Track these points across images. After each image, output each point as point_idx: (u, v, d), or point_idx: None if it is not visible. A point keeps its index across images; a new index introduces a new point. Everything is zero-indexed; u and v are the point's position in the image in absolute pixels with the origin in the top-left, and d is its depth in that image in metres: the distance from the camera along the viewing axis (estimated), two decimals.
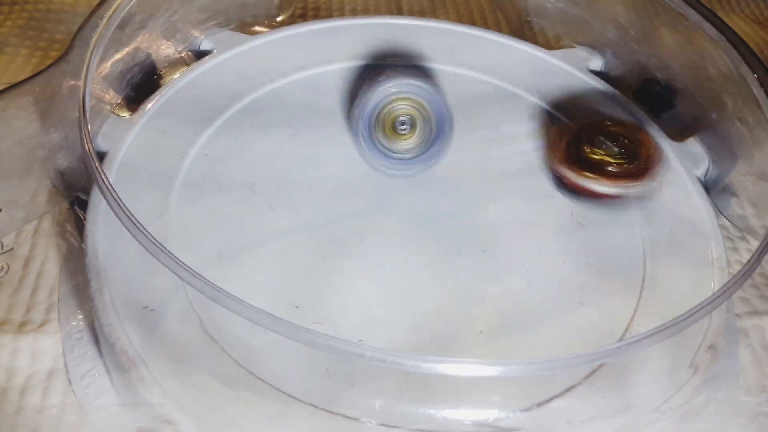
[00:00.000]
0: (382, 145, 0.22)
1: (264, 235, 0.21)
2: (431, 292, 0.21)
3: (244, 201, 0.22)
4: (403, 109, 0.21)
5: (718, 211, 0.24)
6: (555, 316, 0.21)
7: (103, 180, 0.16)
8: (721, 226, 0.23)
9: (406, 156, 0.22)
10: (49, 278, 0.21)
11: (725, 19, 0.33)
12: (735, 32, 0.21)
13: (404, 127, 0.21)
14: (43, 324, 0.20)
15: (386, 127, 0.22)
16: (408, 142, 0.22)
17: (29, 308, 0.20)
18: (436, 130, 0.22)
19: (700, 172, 0.24)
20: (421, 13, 0.32)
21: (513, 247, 0.22)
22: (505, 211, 0.23)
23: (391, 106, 0.21)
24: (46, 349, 0.19)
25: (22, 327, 0.19)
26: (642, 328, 0.20)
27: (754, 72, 0.21)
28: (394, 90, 0.21)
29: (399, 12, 0.32)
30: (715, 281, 0.22)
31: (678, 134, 0.25)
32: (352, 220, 0.22)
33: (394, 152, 0.22)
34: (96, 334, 0.20)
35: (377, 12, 0.32)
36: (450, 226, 0.22)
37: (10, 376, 0.18)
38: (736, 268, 0.23)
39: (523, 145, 0.25)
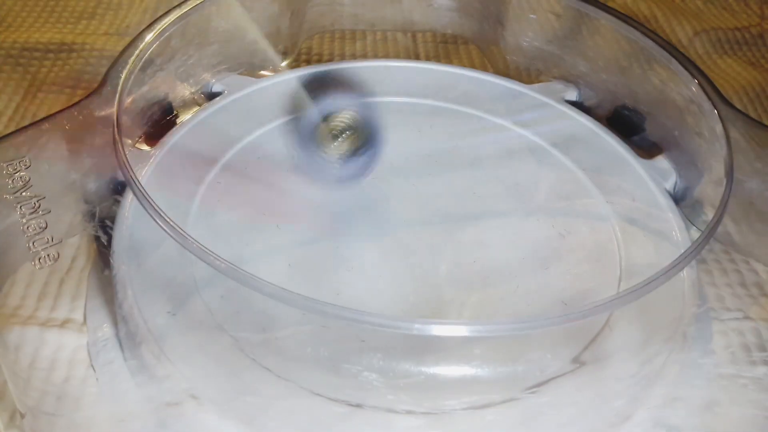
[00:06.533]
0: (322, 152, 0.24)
1: (272, 249, 0.24)
2: (429, 297, 0.22)
3: (254, 222, 0.24)
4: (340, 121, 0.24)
5: (689, 221, 0.26)
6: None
7: (135, 181, 0.19)
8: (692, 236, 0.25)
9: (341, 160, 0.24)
10: (78, 287, 0.23)
11: (719, 61, 0.36)
12: (683, 54, 0.24)
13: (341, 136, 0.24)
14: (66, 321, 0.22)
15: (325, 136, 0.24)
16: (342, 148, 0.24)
17: (57, 308, 0.22)
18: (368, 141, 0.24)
19: (669, 185, 0.27)
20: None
21: (500, 256, 0.24)
22: (496, 224, 0.25)
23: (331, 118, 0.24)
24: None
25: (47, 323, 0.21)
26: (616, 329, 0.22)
27: (700, 84, 0.23)
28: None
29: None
30: (685, 286, 0.24)
31: (648, 154, 0.28)
32: (353, 238, 0.24)
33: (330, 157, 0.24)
34: (121, 340, 0.22)
35: (374, 56, 0.35)
36: (444, 245, 0.24)
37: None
38: None
39: (503, 171, 0.27)
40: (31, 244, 0.20)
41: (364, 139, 0.24)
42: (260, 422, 0.20)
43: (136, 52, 0.24)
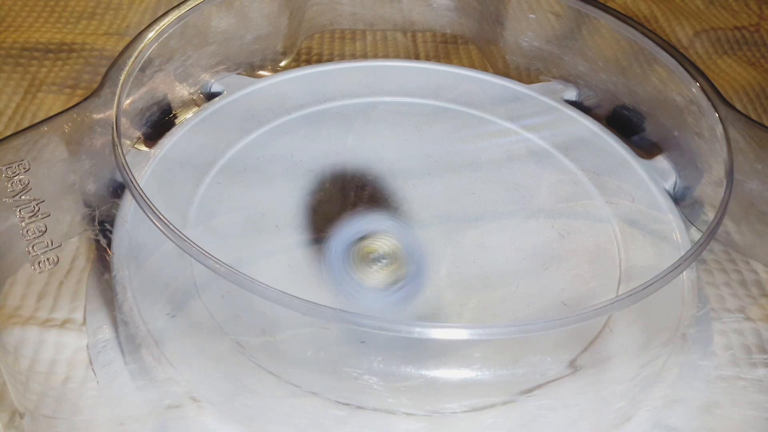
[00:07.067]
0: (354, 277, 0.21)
1: (272, 250, 0.24)
2: (429, 298, 0.22)
3: (254, 221, 0.24)
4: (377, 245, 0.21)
5: (689, 221, 0.26)
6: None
7: (133, 183, 0.19)
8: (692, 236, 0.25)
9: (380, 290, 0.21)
10: (78, 287, 0.23)
11: (719, 61, 0.36)
12: (683, 54, 0.24)
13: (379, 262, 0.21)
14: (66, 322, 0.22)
15: (359, 260, 0.21)
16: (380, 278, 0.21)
17: (56, 309, 0.22)
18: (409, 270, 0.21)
19: (668, 185, 0.27)
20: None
21: (500, 257, 0.24)
22: (496, 225, 0.25)
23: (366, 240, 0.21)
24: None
25: (46, 323, 0.21)
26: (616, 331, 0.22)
27: (700, 86, 0.23)
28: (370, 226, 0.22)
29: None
30: (685, 288, 0.24)
31: (647, 154, 0.28)
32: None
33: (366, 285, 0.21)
34: (121, 343, 0.22)
35: (374, 56, 0.35)
36: (443, 243, 0.24)
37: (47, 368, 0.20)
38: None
39: (503, 171, 0.27)
40: (30, 248, 0.20)
41: (404, 270, 0.21)
42: (260, 424, 0.20)
43: (136, 52, 0.24)
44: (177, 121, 0.28)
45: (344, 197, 0.25)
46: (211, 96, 0.29)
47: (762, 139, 0.24)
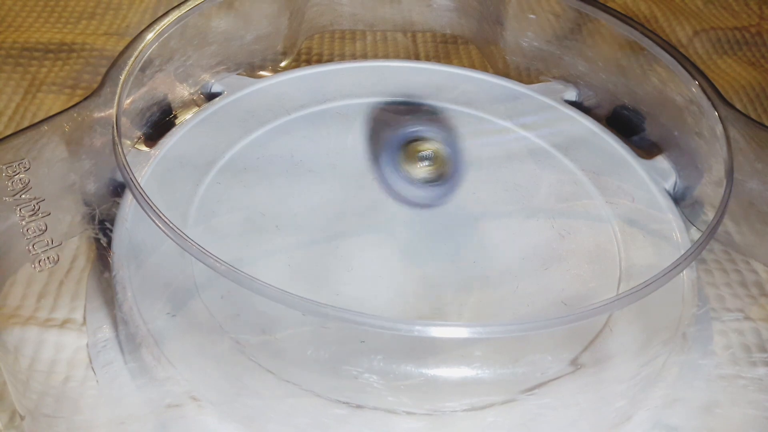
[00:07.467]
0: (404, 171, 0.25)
1: (272, 250, 0.24)
2: (429, 298, 0.22)
3: (254, 221, 0.24)
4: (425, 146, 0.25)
5: (689, 221, 0.26)
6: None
7: (134, 182, 0.19)
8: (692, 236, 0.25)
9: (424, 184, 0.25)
10: (78, 286, 0.23)
11: (719, 61, 0.36)
12: (683, 54, 0.24)
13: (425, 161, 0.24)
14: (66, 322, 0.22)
15: (409, 157, 0.25)
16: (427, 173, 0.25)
17: (56, 309, 0.22)
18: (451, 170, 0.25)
19: (668, 185, 0.27)
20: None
21: (500, 257, 0.24)
22: (496, 225, 0.25)
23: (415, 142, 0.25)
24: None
25: (47, 322, 0.21)
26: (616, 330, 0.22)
27: (700, 86, 0.23)
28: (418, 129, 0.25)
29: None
30: (685, 287, 0.24)
31: (647, 154, 0.28)
32: (352, 238, 0.24)
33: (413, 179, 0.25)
34: (121, 342, 0.22)
35: (374, 56, 0.35)
36: (444, 246, 0.24)
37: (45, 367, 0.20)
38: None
39: (503, 171, 0.27)
40: (31, 247, 0.20)
41: (445, 170, 0.25)
42: (260, 424, 0.20)
43: (136, 52, 0.24)
44: (177, 121, 0.28)
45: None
46: (211, 96, 0.29)
47: (762, 139, 0.24)
